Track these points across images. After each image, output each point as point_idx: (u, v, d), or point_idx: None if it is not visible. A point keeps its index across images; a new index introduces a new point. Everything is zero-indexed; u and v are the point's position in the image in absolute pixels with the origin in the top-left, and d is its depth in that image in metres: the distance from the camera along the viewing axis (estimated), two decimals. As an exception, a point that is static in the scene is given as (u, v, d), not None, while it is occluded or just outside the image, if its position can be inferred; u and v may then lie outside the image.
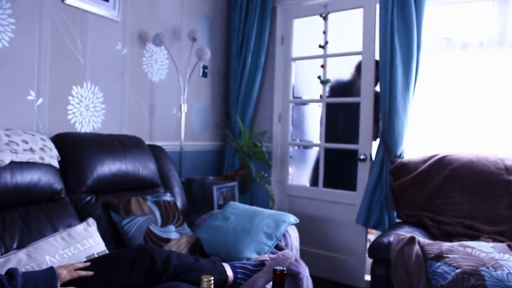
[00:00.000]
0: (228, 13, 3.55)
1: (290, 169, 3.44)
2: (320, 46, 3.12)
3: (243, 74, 3.34)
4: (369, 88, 2.89)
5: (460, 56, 3.07)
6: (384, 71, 2.71)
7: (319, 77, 3.14)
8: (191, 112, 3.23)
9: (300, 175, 3.68)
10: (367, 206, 2.83)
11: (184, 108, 2.92)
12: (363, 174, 2.95)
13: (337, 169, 3.26)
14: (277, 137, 3.39)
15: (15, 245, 1.57)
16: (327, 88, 3.21)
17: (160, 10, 2.88)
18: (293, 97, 3.40)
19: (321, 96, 3.19)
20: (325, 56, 3.12)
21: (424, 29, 2.66)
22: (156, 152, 2.54)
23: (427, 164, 2.50)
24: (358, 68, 3.08)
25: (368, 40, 2.88)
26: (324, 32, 3.10)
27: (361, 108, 2.94)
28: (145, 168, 2.32)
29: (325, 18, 3.07)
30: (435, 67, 3.13)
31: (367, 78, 2.90)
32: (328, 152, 3.21)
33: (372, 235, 3.79)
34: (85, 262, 1.50)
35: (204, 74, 3.34)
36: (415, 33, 2.62)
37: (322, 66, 3.13)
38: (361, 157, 2.92)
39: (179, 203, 2.45)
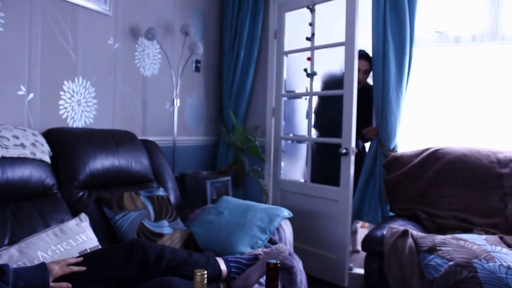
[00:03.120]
0: (221, 7, 3.52)
1: (282, 164, 3.39)
2: (307, 39, 3.04)
3: (236, 69, 3.32)
4: (351, 80, 2.73)
5: (453, 50, 3.08)
6: (377, 64, 2.71)
7: (305, 70, 3.05)
8: (184, 107, 3.22)
9: (291, 169, 3.63)
10: (359, 200, 2.83)
11: (177, 102, 2.91)
12: (346, 169, 2.77)
13: (324, 163, 3.19)
14: (270, 132, 3.35)
15: (6, 241, 1.56)
16: (316, 82, 3.12)
17: (152, 4, 2.85)
18: (285, 91, 3.35)
19: (307, 90, 3.13)
20: (312, 49, 3.03)
21: (417, 23, 2.67)
22: (149, 147, 2.53)
23: (420, 157, 2.52)
24: None
25: (350, 31, 2.74)
26: (311, 24, 3.01)
27: (344, 101, 2.78)
28: (138, 163, 2.31)
29: (312, 10, 3.00)
30: (428, 60, 3.15)
31: (349, 69, 2.75)
32: (315, 147, 3.15)
33: (366, 229, 3.81)
34: (77, 257, 1.49)
35: (197, 69, 3.32)
36: (408, 26, 2.63)
37: (309, 59, 3.03)
38: (343, 151, 2.73)
39: (172, 198, 2.44)
